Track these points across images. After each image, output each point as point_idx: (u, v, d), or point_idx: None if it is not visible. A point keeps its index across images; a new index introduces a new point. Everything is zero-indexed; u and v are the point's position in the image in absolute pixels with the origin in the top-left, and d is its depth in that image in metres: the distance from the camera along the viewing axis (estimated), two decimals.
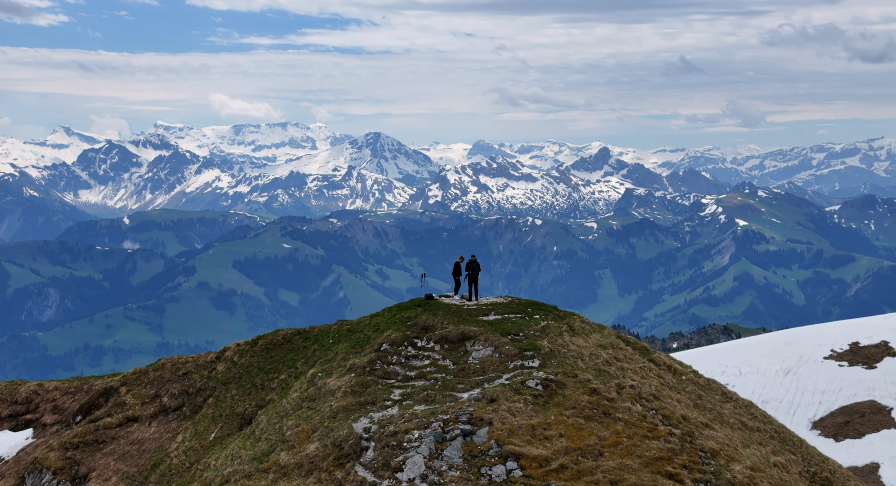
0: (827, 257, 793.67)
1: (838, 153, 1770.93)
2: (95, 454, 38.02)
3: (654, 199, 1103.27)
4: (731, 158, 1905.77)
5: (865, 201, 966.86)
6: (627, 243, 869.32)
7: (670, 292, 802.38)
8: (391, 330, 37.23)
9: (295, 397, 34.68)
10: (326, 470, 28.66)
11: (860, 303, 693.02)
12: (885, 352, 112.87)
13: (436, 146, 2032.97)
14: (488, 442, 28.05)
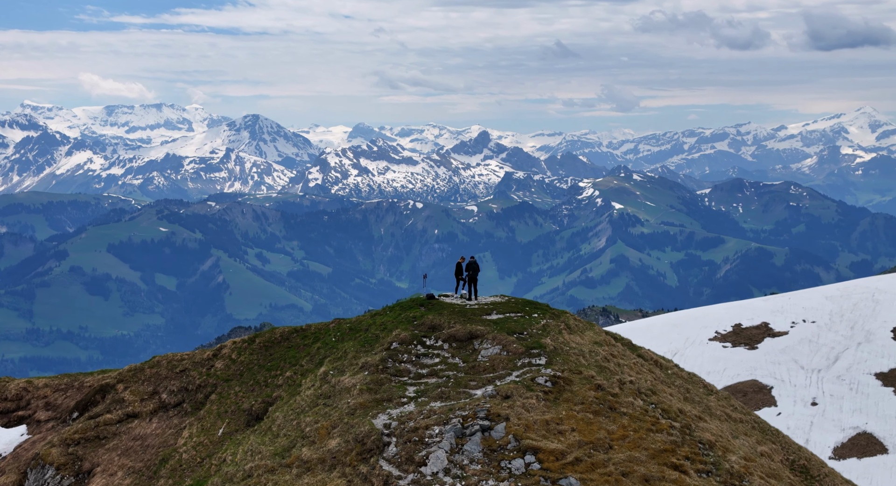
0: (698, 240, 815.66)
1: (708, 138, 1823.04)
2: (98, 449, 38.46)
3: (533, 182, 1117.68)
4: (607, 142, 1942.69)
5: (734, 185, 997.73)
6: (507, 226, 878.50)
7: (549, 275, 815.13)
8: (399, 329, 38.38)
9: (309, 394, 35.67)
10: (350, 465, 29.71)
11: (729, 284, 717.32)
12: (766, 333, 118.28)
13: (315, 129, 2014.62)
14: (506, 437, 29.43)
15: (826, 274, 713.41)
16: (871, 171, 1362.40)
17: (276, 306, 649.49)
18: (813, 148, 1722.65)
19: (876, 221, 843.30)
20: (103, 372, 46.55)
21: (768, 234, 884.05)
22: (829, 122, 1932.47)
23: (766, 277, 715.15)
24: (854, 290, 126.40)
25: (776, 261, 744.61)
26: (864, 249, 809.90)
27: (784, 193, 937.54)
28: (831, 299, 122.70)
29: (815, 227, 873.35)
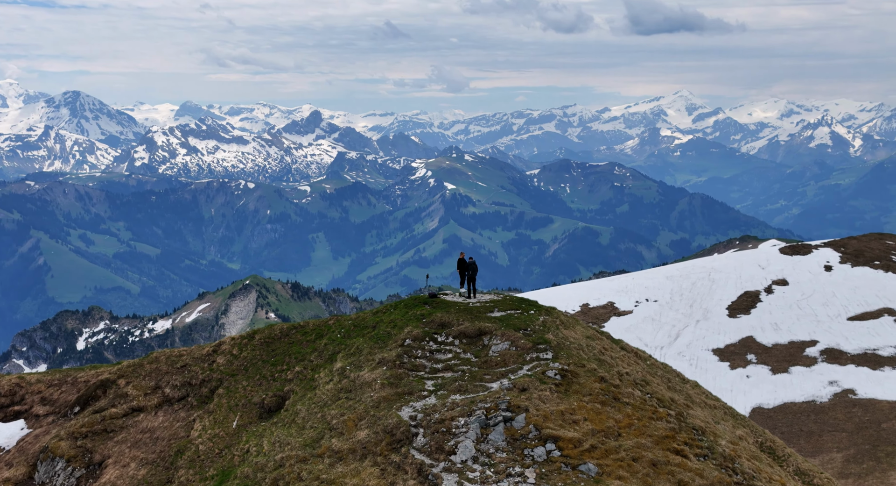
0: (528, 219, 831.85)
1: (536, 119, 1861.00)
2: (107, 442, 39.81)
3: (366, 162, 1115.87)
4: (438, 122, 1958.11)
5: (561, 166, 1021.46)
6: (341, 206, 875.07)
7: (383, 255, 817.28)
8: (411, 326, 40.38)
9: (329, 388, 37.65)
10: (381, 454, 31.79)
11: (558, 263, 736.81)
12: (612, 312, 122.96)
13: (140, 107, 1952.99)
14: (527, 427, 31.84)
15: (648, 252, 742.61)
16: (689, 152, 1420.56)
17: (101, 288, 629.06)
18: (635, 130, 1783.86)
19: (693, 200, 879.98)
20: (94, 367, 47.48)
21: (594, 213, 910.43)
22: (649, 105, 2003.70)
23: (592, 255, 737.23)
24: (692, 270, 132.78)
25: (602, 240, 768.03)
26: (682, 227, 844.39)
27: (609, 174, 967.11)
28: (672, 279, 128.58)
29: (637, 206, 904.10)
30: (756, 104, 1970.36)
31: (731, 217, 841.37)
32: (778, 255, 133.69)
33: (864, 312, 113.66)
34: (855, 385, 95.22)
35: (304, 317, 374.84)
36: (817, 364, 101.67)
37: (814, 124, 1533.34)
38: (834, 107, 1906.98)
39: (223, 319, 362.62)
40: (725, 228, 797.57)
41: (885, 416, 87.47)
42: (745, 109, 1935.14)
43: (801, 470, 39.82)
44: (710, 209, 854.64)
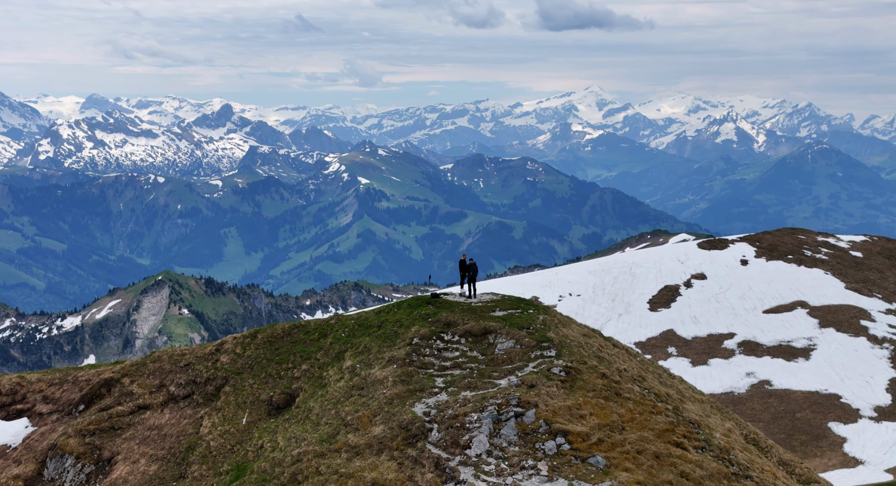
0: (442, 214, 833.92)
1: (449, 114, 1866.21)
2: (115, 439, 40.67)
3: (279, 157, 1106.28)
4: (351, 117, 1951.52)
5: (475, 160, 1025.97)
6: (253, 200, 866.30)
7: (296, 250, 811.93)
8: (417, 326, 41.65)
9: (341, 385, 38.86)
10: (397, 449, 33.13)
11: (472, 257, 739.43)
12: None
13: (44, 99, 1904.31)
14: (537, 422, 33.20)
15: (560, 246, 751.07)
16: (599, 147, 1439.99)
17: (5, 285, 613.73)
18: (546, 125, 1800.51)
19: (604, 195, 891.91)
20: (93, 367, 48.37)
21: (507, 208, 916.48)
22: (560, 100, 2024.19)
23: (506, 249, 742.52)
24: (614, 265, 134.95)
25: (515, 234, 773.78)
26: (594, 222, 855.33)
27: (521, 169, 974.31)
28: (594, 274, 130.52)
29: (550, 201, 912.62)
30: (664, 100, 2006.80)
31: (641, 211, 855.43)
32: (696, 249, 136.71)
33: (778, 305, 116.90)
34: (771, 377, 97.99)
35: (218, 313, 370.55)
36: (735, 356, 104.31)
37: (719, 120, 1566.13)
38: (739, 103, 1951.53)
39: (135, 315, 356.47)
40: (636, 222, 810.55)
41: (799, 406, 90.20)
42: (653, 105, 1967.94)
43: (783, 461, 41.47)
44: (621, 204, 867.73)
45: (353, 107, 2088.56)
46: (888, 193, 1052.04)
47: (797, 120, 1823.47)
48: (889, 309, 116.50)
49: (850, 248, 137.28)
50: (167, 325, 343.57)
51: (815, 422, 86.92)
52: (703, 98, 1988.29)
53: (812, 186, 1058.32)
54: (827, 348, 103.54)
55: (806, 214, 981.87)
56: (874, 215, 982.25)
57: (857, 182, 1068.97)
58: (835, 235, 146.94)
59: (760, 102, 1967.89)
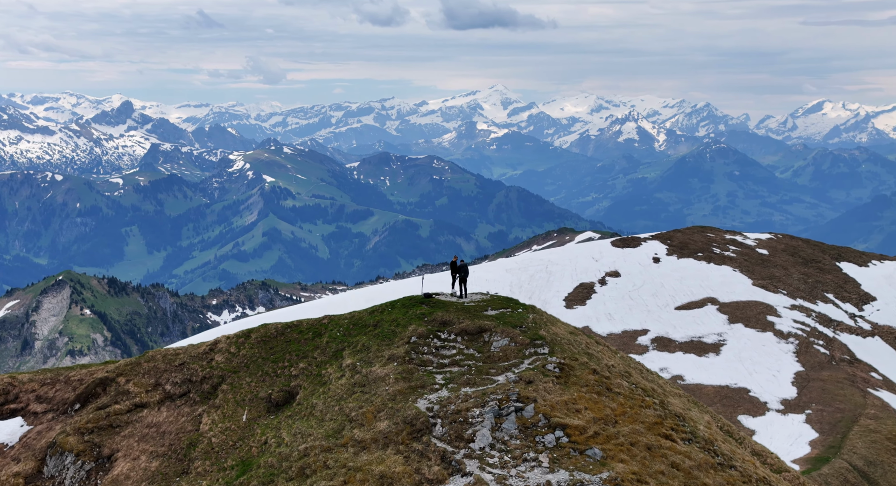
0: (348, 212, 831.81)
1: (355, 112, 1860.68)
2: (114, 437, 41.33)
3: (182, 154, 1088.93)
4: (255, 114, 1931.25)
5: (381, 159, 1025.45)
6: (155, 199, 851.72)
7: (200, 249, 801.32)
8: (415, 325, 42.97)
9: (343, 383, 39.98)
10: (403, 443, 34.38)
11: (379, 255, 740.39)
12: None
13: None
14: (536, 416, 34.82)
15: (467, 244, 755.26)
16: (504, 146, 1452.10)
17: None
18: (452, 123, 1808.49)
19: (510, 193, 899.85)
20: (84, 367, 48.89)
21: (414, 206, 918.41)
22: (465, 98, 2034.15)
23: (413, 248, 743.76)
24: (530, 263, 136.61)
25: (422, 232, 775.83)
26: (500, 220, 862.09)
27: (428, 167, 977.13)
28: (511, 272, 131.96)
29: (456, 199, 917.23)
30: (567, 99, 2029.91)
31: (546, 210, 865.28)
32: (610, 247, 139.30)
33: (689, 301, 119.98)
34: (683, 371, 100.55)
35: (121, 313, 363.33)
36: (649, 352, 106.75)
37: (621, 119, 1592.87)
38: (640, 103, 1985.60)
39: (34, 316, 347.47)
40: (541, 220, 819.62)
41: (710, 400, 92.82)
42: (557, 104, 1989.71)
43: (755, 451, 43.14)
44: (526, 202, 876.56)
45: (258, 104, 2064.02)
46: (782, 191, 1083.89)
47: (696, 120, 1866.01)
48: (794, 304, 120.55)
49: (756, 245, 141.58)
50: (69, 326, 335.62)
51: (726, 416, 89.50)
52: (606, 98, 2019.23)
53: (710, 185, 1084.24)
54: (736, 344, 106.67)
55: (705, 212, 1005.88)
56: (769, 213, 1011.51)
57: (753, 181, 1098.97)
58: (742, 233, 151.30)
59: (661, 102, 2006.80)
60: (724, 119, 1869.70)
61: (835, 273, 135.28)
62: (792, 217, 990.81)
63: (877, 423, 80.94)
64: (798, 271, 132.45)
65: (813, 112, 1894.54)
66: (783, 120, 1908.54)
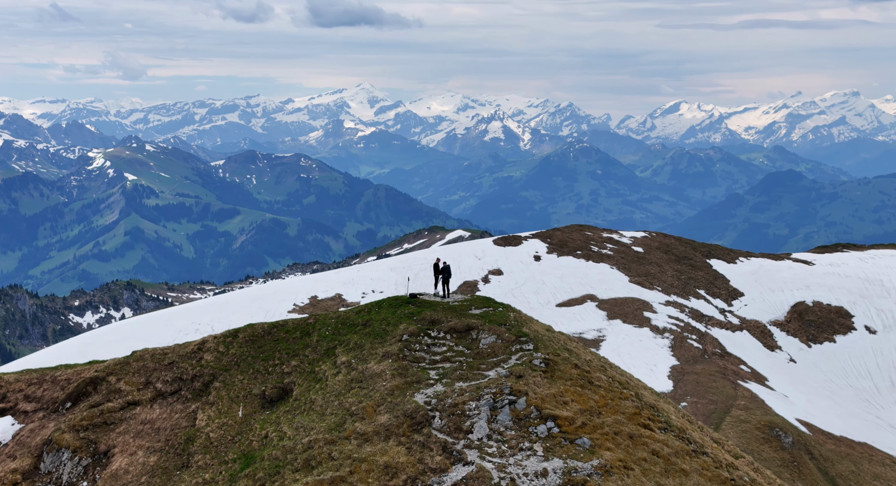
0: (214, 211, 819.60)
1: (219, 109, 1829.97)
2: (109, 433, 42.61)
3: (37, 152, 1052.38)
4: (114, 111, 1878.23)
5: (247, 157, 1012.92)
6: (9, 198, 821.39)
7: (58, 248, 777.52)
8: (405, 324, 44.79)
9: (340, 379, 41.59)
10: (404, 435, 36.36)
11: (246, 254, 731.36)
12: (340, 303, 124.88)
13: None
14: (528, 408, 37.22)
15: (336, 243, 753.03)
16: (372, 144, 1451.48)
17: None
18: (319, 121, 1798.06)
19: (378, 192, 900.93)
20: (69, 367, 49.78)
21: (281, 205, 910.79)
22: (332, 97, 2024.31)
23: (280, 246, 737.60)
24: (414, 261, 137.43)
25: (290, 231, 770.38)
26: (368, 218, 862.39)
27: (295, 165, 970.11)
28: (395, 270, 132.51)
29: (324, 198, 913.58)
30: (434, 98, 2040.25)
31: (415, 208, 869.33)
32: (492, 246, 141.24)
33: (570, 298, 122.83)
34: None
35: None
36: None
37: (487, 119, 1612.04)
38: (505, 102, 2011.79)
39: None
40: (409, 218, 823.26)
41: None
42: (423, 103, 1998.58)
43: (714, 439, 44.99)
44: (394, 200, 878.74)
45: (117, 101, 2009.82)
46: (642, 190, 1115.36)
47: (559, 119, 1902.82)
48: (668, 301, 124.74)
49: (632, 243, 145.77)
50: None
51: None
52: (472, 97, 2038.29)
53: (574, 183, 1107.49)
54: (615, 339, 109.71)
55: (569, 210, 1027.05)
56: (630, 211, 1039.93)
57: (615, 179, 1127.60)
58: (618, 231, 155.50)
59: (525, 102, 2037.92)
60: (586, 119, 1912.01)
61: (705, 270, 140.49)
62: (652, 215, 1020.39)
63: (746, 414, 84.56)
64: (672, 269, 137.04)
65: (670, 113, 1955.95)
66: (642, 120, 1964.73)
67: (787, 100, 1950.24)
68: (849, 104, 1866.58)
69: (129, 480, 39.91)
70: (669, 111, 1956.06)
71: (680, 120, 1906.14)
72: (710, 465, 37.59)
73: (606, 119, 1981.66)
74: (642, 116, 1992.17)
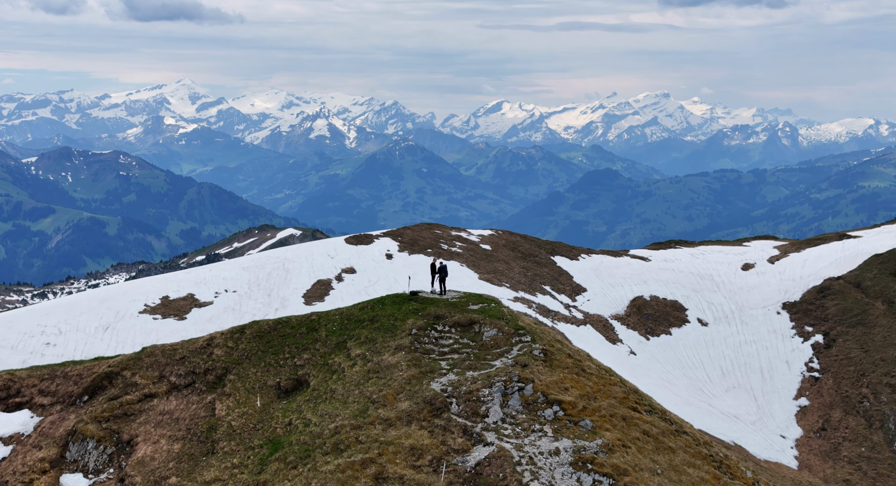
0: (27, 210, 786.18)
1: (29, 104, 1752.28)
2: (130, 424, 45.01)
3: None
4: None
5: (62, 154, 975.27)
6: None
7: None
8: (413, 319, 47.87)
9: (357, 370, 44.50)
10: (425, 420, 39.68)
11: (62, 254, 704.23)
12: (193, 303, 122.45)
13: None
14: (535, 394, 40.99)
15: (158, 242, 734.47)
16: (194, 141, 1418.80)
17: None
18: (138, 118, 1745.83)
19: (202, 190, 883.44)
20: (78, 363, 51.85)
21: (100, 203, 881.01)
22: (151, 92, 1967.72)
23: (100, 246, 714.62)
24: (267, 261, 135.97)
25: (109, 230, 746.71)
26: (192, 217, 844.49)
27: (113, 163, 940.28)
28: (248, 270, 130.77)
29: (145, 196, 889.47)
30: (257, 95, 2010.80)
31: (240, 206, 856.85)
32: (344, 245, 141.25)
33: None
34: None
35: None
36: None
37: (312, 116, 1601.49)
38: (330, 100, 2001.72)
39: None
40: (235, 216, 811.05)
41: None
42: (247, 100, 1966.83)
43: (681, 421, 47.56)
44: (219, 199, 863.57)
45: None
46: (467, 188, 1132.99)
47: (385, 117, 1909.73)
48: (517, 297, 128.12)
49: (480, 241, 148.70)
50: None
51: None
52: (296, 94, 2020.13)
53: (400, 182, 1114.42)
54: None
55: (396, 208, 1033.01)
56: (456, 209, 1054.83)
57: (440, 178, 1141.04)
58: (466, 229, 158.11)
59: (350, 100, 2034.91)
60: (411, 117, 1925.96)
61: (550, 266, 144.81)
62: (477, 213, 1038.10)
63: None
64: (518, 265, 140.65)
65: (493, 112, 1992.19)
66: (466, 119, 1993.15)
67: (604, 100, 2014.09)
68: (660, 105, 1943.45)
69: (157, 466, 41.99)
70: (492, 110, 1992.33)
71: (502, 119, 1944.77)
72: (692, 443, 41.81)
73: (431, 118, 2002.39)
74: (466, 114, 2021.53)
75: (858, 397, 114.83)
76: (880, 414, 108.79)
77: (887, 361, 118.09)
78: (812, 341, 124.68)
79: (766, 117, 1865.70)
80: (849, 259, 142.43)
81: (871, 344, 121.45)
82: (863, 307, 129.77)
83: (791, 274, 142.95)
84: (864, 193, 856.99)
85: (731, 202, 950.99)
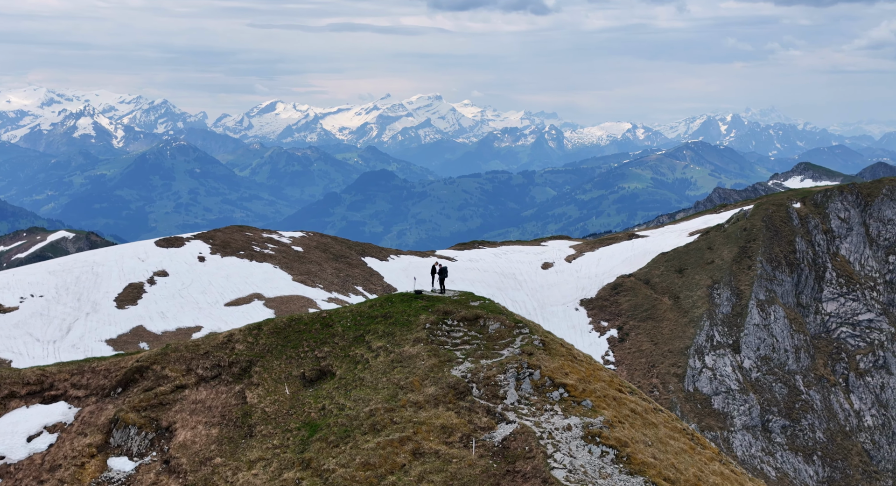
0: None
1: None
2: (167, 412, 48.63)
3: None
4: None
5: None
6: None
7: None
8: (425, 315, 52.41)
9: (381, 360, 48.97)
10: (451, 402, 44.72)
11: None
12: None
13: None
14: (543, 379, 46.42)
15: None
16: None
17: None
18: None
19: None
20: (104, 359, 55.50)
21: None
22: None
23: None
24: (74, 264, 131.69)
25: None
26: None
27: None
28: (54, 274, 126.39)
29: None
30: (14, 91, 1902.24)
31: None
32: (155, 248, 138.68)
33: (237, 297, 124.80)
34: None
35: None
36: None
37: (76, 114, 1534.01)
38: (95, 97, 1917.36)
39: None
40: None
41: None
42: (3, 96, 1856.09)
43: None
44: None
45: None
46: (242, 188, 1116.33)
47: (154, 116, 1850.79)
48: (330, 297, 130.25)
49: (291, 243, 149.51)
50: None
51: None
52: (58, 91, 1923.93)
53: (172, 182, 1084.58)
54: None
55: (168, 209, 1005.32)
56: (231, 210, 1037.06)
57: (214, 178, 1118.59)
58: (277, 231, 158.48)
59: (117, 98, 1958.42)
60: (182, 117, 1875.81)
61: (361, 267, 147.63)
62: (252, 214, 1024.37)
63: None
64: (331, 267, 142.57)
65: (267, 112, 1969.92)
66: (239, 119, 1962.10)
67: (378, 102, 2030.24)
68: (433, 107, 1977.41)
69: (199, 448, 45.69)
70: (266, 111, 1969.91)
71: (277, 119, 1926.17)
72: (670, 420, 47.94)
73: (203, 117, 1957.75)
74: (239, 114, 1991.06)
75: (649, 387, 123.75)
76: (668, 402, 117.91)
77: (674, 352, 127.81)
78: (608, 335, 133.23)
79: (533, 120, 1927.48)
80: (638, 257, 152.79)
81: (659, 337, 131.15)
82: (652, 303, 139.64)
83: (587, 272, 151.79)
84: (624, 194, 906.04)
85: (503, 203, 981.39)
